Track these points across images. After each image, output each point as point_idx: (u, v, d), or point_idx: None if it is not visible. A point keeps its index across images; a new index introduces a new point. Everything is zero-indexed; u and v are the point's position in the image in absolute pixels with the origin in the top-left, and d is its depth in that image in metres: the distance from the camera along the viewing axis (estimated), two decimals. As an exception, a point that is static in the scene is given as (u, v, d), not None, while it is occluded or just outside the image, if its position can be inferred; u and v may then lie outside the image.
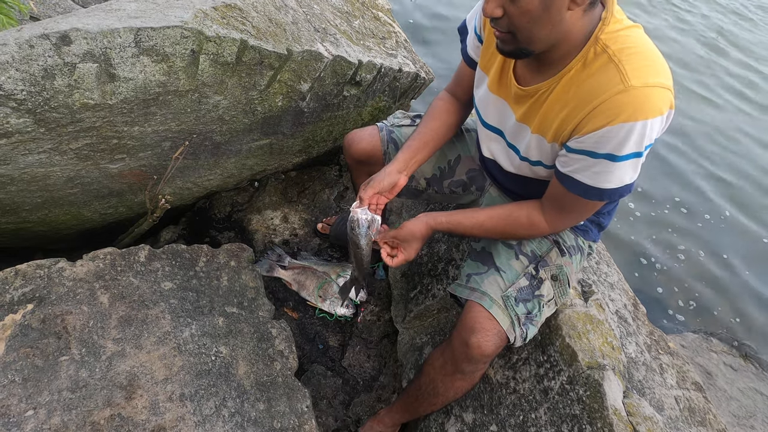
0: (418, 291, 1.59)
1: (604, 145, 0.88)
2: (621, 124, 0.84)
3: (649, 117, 0.83)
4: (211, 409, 1.16)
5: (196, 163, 1.72)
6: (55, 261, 1.24)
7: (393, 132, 1.41)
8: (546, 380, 1.21)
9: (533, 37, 0.87)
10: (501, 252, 1.17)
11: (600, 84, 0.87)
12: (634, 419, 1.09)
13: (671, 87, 0.86)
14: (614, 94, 0.84)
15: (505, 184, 1.23)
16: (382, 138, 1.39)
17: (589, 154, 0.90)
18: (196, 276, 1.42)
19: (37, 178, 1.36)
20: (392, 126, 1.43)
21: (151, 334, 1.21)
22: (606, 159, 0.89)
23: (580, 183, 0.95)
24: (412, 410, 1.30)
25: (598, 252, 1.72)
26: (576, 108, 0.90)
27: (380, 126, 1.44)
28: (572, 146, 0.93)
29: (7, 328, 1.10)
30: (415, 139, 1.22)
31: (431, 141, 1.24)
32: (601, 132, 0.87)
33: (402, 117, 1.47)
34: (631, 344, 1.44)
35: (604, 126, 0.86)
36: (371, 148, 1.40)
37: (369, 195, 1.12)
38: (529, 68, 1.00)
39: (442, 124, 1.27)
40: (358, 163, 1.45)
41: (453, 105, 1.29)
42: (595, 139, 0.88)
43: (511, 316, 1.08)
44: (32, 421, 1.00)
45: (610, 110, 0.85)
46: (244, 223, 1.94)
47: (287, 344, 1.41)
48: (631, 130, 0.84)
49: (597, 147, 0.89)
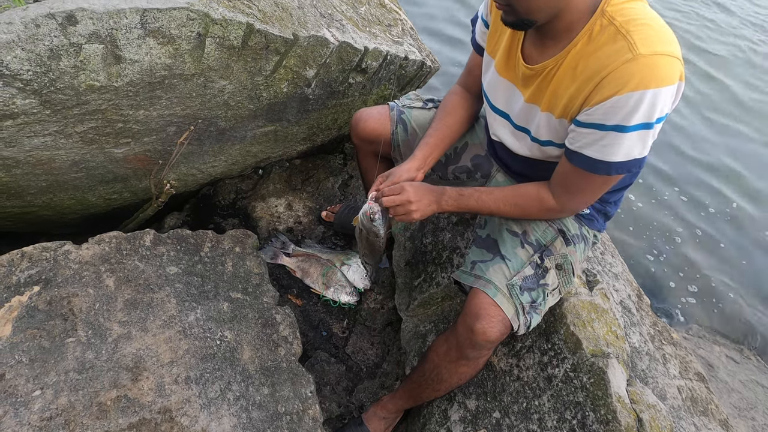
0: (422, 279, 1.59)
1: (613, 116, 0.86)
2: (629, 93, 0.83)
3: (659, 85, 0.82)
4: (216, 392, 1.17)
5: (200, 149, 1.71)
6: (61, 244, 1.24)
7: (403, 113, 1.40)
8: (550, 368, 1.22)
9: (531, 7, 0.87)
10: (506, 240, 1.17)
11: (608, 55, 0.85)
12: (638, 407, 1.09)
13: (681, 58, 0.85)
14: (622, 63, 0.83)
15: (514, 168, 1.23)
16: (392, 117, 1.39)
17: (598, 127, 0.89)
18: (201, 261, 1.42)
19: (43, 161, 1.35)
20: (403, 107, 1.42)
21: (157, 318, 1.21)
22: (614, 131, 0.87)
23: (588, 158, 0.93)
24: (416, 396, 1.31)
25: (603, 243, 1.72)
26: (584, 81, 0.89)
27: (391, 105, 1.43)
28: (581, 120, 0.91)
29: (13, 310, 1.10)
30: (432, 135, 1.24)
31: (447, 137, 1.26)
32: (609, 102, 0.85)
33: (414, 99, 1.46)
34: (635, 334, 1.45)
35: (612, 96, 0.84)
36: (379, 127, 1.40)
37: (388, 185, 1.15)
38: (535, 46, 0.99)
39: (457, 119, 1.28)
40: (364, 141, 1.45)
41: (466, 98, 1.30)
42: (603, 110, 0.87)
43: (515, 304, 1.08)
44: (39, 401, 1.01)
45: (618, 79, 0.83)
46: (249, 210, 1.94)
47: (291, 330, 1.41)
48: (640, 99, 0.83)
49: (605, 119, 0.87)
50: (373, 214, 1.16)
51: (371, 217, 1.17)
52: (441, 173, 1.39)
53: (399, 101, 1.45)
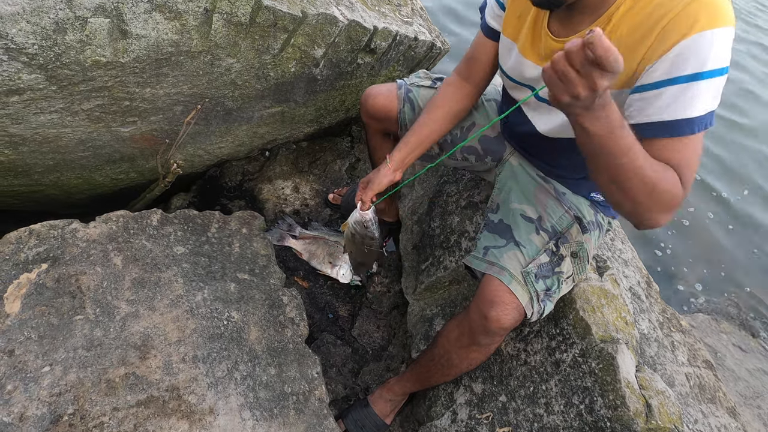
0: (429, 263, 1.58)
1: (683, 65, 0.77)
2: (698, 33, 0.74)
3: (727, 24, 0.74)
4: (224, 371, 1.17)
5: (207, 129, 1.70)
6: (69, 222, 1.23)
7: (411, 91, 1.38)
8: (558, 353, 1.21)
9: None
10: (521, 226, 1.15)
11: (663, 3, 0.78)
12: (647, 393, 1.08)
13: None
14: (684, 6, 0.76)
15: (533, 151, 1.20)
16: (399, 96, 1.37)
17: (667, 83, 0.79)
18: (208, 242, 1.41)
19: (49, 139, 1.34)
20: (411, 85, 1.39)
21: (164, 297, 1.21)
22: (688, 81, 0.77)
23: (665, 123, 0.81)
24: (424, 380, 1.31)
25: (613, 228, 1.70)
26: (640, 38, 0.80)
27: (399, 83, 1.40)
28: (645, 82, 0.82)
29: (22, 287, 1.10)
30: (414, 133, 1.22)
31: (432, 134, 1.23)
32: (676, 49, 0.76)
33: (424, 77, 1.43)
34: (643, 321, 1.43)
35: (679, 41, 0.76)
36: (388, 104, 1.37)
37: (369, 197, 1.22)
38: (562, 23, 0.94)
39: (446, 113, 1.22)
40: (373, 119, 1.43)
41: (461, 90, 1.23)
42: (670, 61, 0.78)
43: (530, 292, 1.07)
44: (49, 377, 1.01)
45: (683, 22, 0.75)
46: (255, 192, 1.93)
47: (298, 312, 1.41)
48: (712, 39, 0.74)
49: (674, 70, 0.78)
50: (366, 222, 1.23)
51: (365, 225, 1.23)
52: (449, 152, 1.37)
53: (407, 79, 1.43)
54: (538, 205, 1.17)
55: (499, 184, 1.27)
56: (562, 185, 1.21)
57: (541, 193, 1.19)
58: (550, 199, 1.18)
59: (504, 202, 1.21)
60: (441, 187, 1.72)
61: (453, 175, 1.71)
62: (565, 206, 1.17)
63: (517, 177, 1.24)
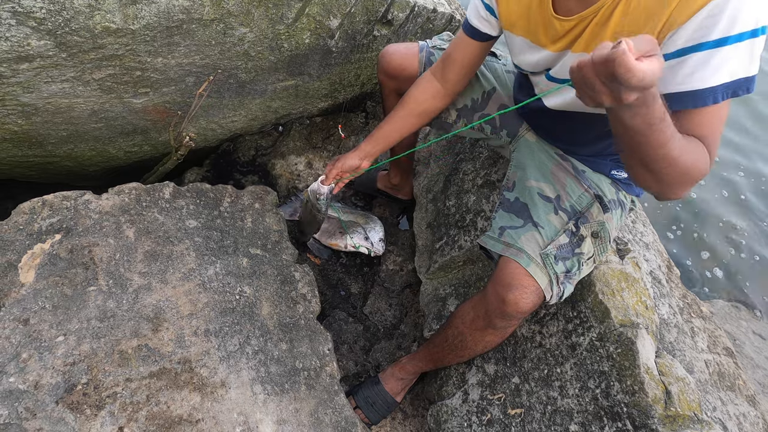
0: (444, 242, 1.55)
1: (709, 30, 0.71)
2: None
3: None
4: (236, 345, 1.17)
5: (220, 102, 1.67)
6: (81, 193, 1.23)
7: (433, 54, 1.33)
8: (574, 336, 1.18)
9: None
10: (538, 205, 1.11)
11: None
12: (666, 379, 1.05)
13: None
14: None
15: (546, 125, 1.15)
16: (420, 59, 1.32)
17: (691, 50, 0.73)
18: (221, 216, 1.40)
19: (62, 109, 1.33)
20: (433, 48, 1.35)
21: (177, 270, 1.21)
22: (714, 47, 0.71)
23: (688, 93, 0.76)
24: (437, 360, 1.30)
25: (635, 210, 1.64)
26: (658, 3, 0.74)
27: (421, 45, 1.36)
28: (667, 51, 0.76)
29: (36, 257, 1.10)
30: (380, 129, 1.28)
31: (396, 132, 1.27)
32: (703, 12, 0.70)
33: (447, 39, 1.38)
34: (664, 305, 1.39)
35: (705, 3, 0.70)
36: (404, 62, 1.34)
37: (333, 175, 1.35)
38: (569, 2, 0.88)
39: (413, 112, 1.24)
40: (388, 77, 1.40)
41: (433, 90, 1.22)
42: (695, 26, 0.72)
43: (549, 274, 1.03)
44: (63, 347, 1.02)
45: None
46: (268, 167, 1.91)
47: (310, 288, 1.40)
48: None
49: (699, 36, 0.72)
50: (319, 194, 1.39)
51: (317, 196, 1.40)
52: (467, 120, 1.32)
53: (430, 41, 1.38)
54: (556, 184, 1.13)
55: (514, 161, 1.23)
56: (581, 163, 1.16)
57: (559, 170, 1.14)
58: (569, 177, 1.14)
59: (520, 179, 1.17)
60: (457, 164, 1.68)
61: (470, 152, 1.67)
62: (585, 185, 1.12)
63: (534, 153, 1.19)
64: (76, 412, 0.95)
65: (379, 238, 1.71)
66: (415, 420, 1.44)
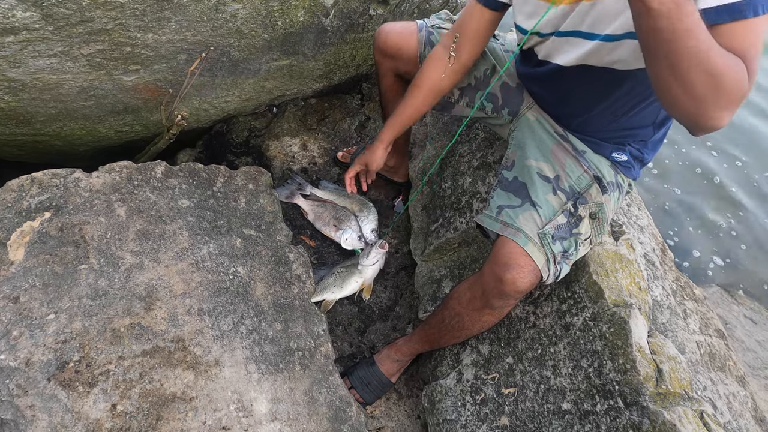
0: (439, 224, 1.55)
1: None
2: None
3: None
4: (229, 325, 1.17)
5: (213, 81, 1.64)
6: (71, 171, 1.21)
7: (432, 34, 1.31)
8: (568, 316, 1.18)
9: None
10: (537, 185, 1.10)
11: None
12: (658, 358, 1.06)
13: None
14: None
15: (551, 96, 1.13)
16: (420, 39, 1.30)
17: None
18: (214, 196, 1.38)
19: (50, 86, 1.30)
20: (432, 27, 1.32)
21: (169, 249, 1.20)
22: None
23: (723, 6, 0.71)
24: (433, 341, 1.30)
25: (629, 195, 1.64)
26: None
27: (420, 25, 1.33)
28: None
29: (25, 235, 1.09)
30: (400, 113, 1.32)
31: (419, 109, 1.29)
32: None
33: (445, 18, 1.36)
34: (657, 287, 1.40)
35: None
36: (401, 41, 1.33)
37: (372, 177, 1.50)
38: None
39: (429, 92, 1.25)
40: (385, 56, 1.38)
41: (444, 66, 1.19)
42: None
43: (546, 254, 1.03)
44: (54, 325, 1.01)
45: None
46: (262, 148, 1.89)
47: (305, 269, 1.39)
48: None
49: None
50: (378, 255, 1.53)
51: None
52: (469, 98, 1.30)
53: (428, 20, 1.35)
54: (555, 164, 1.12)
55: (514, 140, 1.22)
56: (582, 143, 1.15)
57: (559, 150, 1.14)
58: (569, 157, 1.13)
59: (519, 158, 1.16)
60: (453, 147, 1.67)
61: (466, 134, 1.65)
62: (585, 165, 1.11)
63: (534, 132, 1.18)
64: (68, 390, 0.95)
65: (372, 228, 1.70)
66: (410, 400, 1.45)
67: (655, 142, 1.16)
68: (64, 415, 0.93)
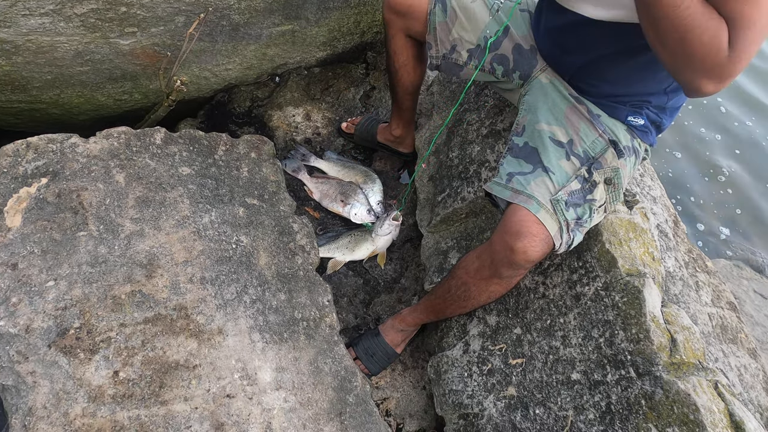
0: (446, 194, 1.51)
1: None
2: None
3: None
4: (233, 294, 1.15)
5: (213, 47, 1.59)
6: (68, 136, 1.17)
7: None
8: (579, 286, 1.15)
9: None
10: (549, 149, 1.05)
11: None
12: (672, 327, 1.03)
13: None
14: None
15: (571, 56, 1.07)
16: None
17: None
18: (215, 164, 1.35)
19: (44, 48, 1.26)
20: None
21: (170, 217, 1.17)
22: None
23: None
24: (438, 311, 1.27)
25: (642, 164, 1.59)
26: None
27: None
28: None
29: (22, 201, 1.06)
30: None
31: None
32: None
33: None
34: (670, 258, 1.37)
35: None
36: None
37: None
38: None
39: None
40: (395, 14, 1.31)
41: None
42: None
43: (559, 221, 0.99)
44: (53, 291, 0.99)
45: None
46: (265, 119, 1.84)
47: (309, 240, 1.37)
48: None
49: None
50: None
51: None
52: (479, 61, 1.24)
53: None
54: (569, 127, 1.07)
55: (525, 104, 1.17)
56: (596, 107, 1.10)
57: (572, 114, 1.09)
58: (583, 121, 1.08)
59: (530, 123, 1.11)
60: (461, 115, 1.62)
61: (475, 102, 1.60)
62: (600, 129, 1.06)
63: (547, 95, 1.13)
64: (69, 356, 0.93)
65: (377, 200, 1.66)
66: (415, 371, 1.43)
67: (672, 109, 1.11)
68: (65, 382, 0.91)
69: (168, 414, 0.94)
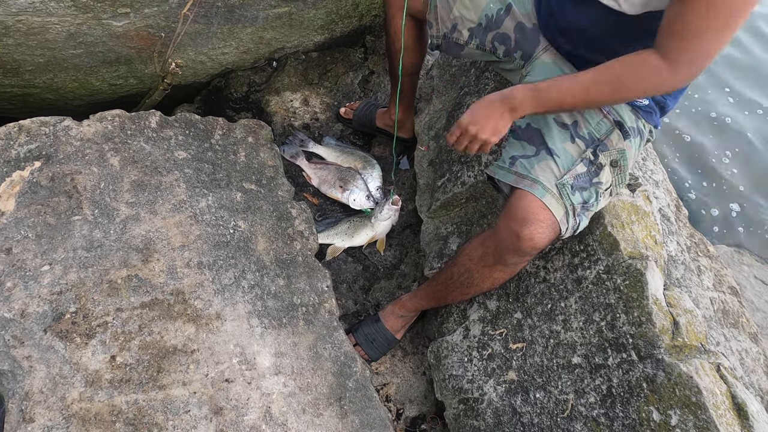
0: (446, 179, 1.49)
1: None
2: None
3: None
4: (230, 279, 1.13)
5: (208, 29, 1.56)
6: (61, 119, 1.15)
7: None
8: (580, 269, 1.14)
9: None
10: (553, 131, 1.03)
11: None
12: (675, 310, 1.02)
13: None
14: None
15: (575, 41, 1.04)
16: None
17: None
18: (212, 149, 1.33)
19: (35, 30, 1.23)
20: None
21: (166, 201, 1.15)
22: None
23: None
24: (439, 297, 1.26)
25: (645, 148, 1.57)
26: None
27: None
28: None
29: (15, 185, 1.04)
30: None
31: None
32: None
33: None
34: (672, 243, 1.35)
35: None
36: None
37: None
38: None
39: None
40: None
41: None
42: None
43: (565, 205, 0.97)
44: (48, 276, 0.97)
45: None
46: (262, 104, 1.82)
47: (307, 225, 1.35)
48: None
49: None
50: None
51: None
52: (480, 40, 1.21)
53: None
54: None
55: (527, 84, 1.14)
56: None
57: (577, 94, 1.06)
58: (587, 102, 1.06)
59: None
60: (461, 99, 1.59)
61: (475, 85, 1.57)
62: (604, 110, 1.04)
63: (551, 74, 1.10)
64: (65, 341, 0.92)
65: (377, 185, 1.65)
66: (415, 357, 1.43)
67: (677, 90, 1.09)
68: (62, 366, 0.90)
69: (166, 398, 0.94)
